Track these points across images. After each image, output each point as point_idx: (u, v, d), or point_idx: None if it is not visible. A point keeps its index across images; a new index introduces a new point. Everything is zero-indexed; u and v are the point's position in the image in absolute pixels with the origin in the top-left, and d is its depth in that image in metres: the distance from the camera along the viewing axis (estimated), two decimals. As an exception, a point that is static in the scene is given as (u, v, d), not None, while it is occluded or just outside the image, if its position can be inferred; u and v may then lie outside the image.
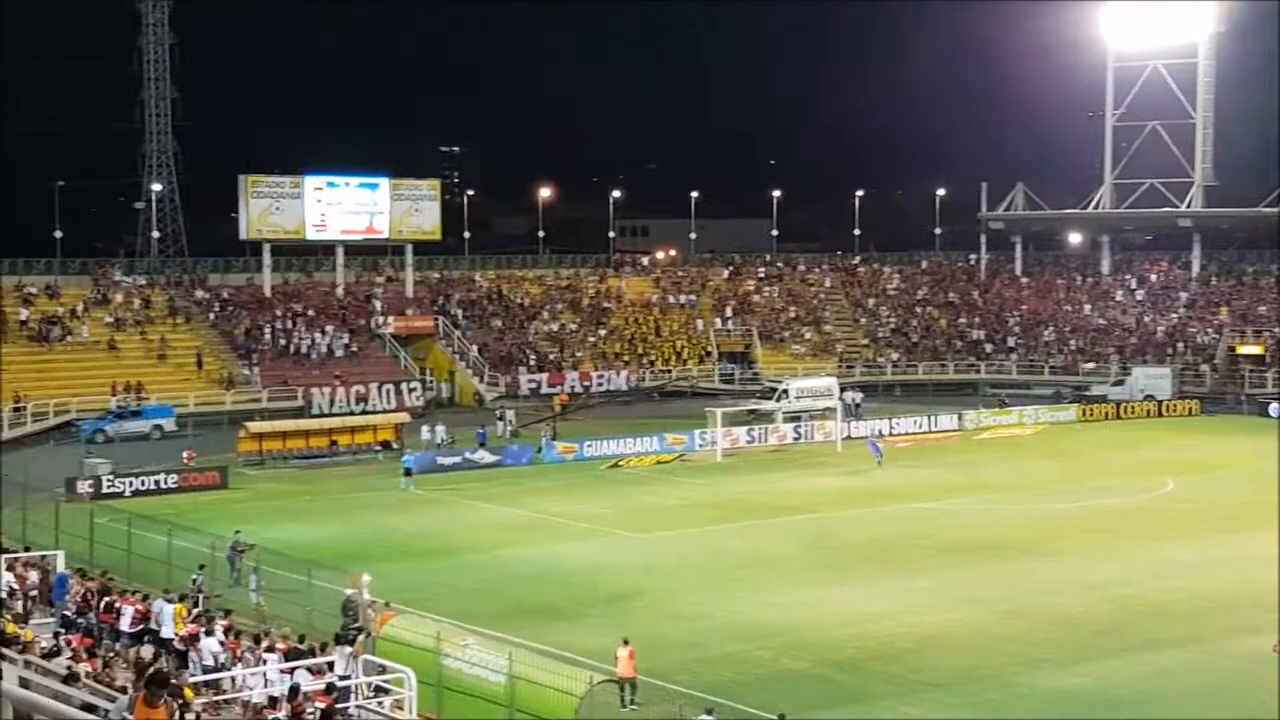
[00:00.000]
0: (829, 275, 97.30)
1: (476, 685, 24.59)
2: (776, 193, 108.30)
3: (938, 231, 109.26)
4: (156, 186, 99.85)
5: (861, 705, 26.80)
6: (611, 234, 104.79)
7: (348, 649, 25.10)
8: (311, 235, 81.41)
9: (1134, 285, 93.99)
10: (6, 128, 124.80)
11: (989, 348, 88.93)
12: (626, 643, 26.88)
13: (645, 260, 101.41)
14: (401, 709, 23.11)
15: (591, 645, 29.10)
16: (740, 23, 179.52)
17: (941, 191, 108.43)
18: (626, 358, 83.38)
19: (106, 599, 30.05)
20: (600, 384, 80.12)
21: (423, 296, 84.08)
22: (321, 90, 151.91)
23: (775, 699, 25.88)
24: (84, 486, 49.36)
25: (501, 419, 66.78)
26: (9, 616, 27.41)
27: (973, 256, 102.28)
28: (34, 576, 32.46)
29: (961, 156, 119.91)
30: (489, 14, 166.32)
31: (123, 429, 63.29)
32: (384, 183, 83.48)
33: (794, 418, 65.76)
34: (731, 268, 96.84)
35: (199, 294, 79.24)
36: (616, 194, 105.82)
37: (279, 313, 78.27)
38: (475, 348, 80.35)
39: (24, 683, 12.30)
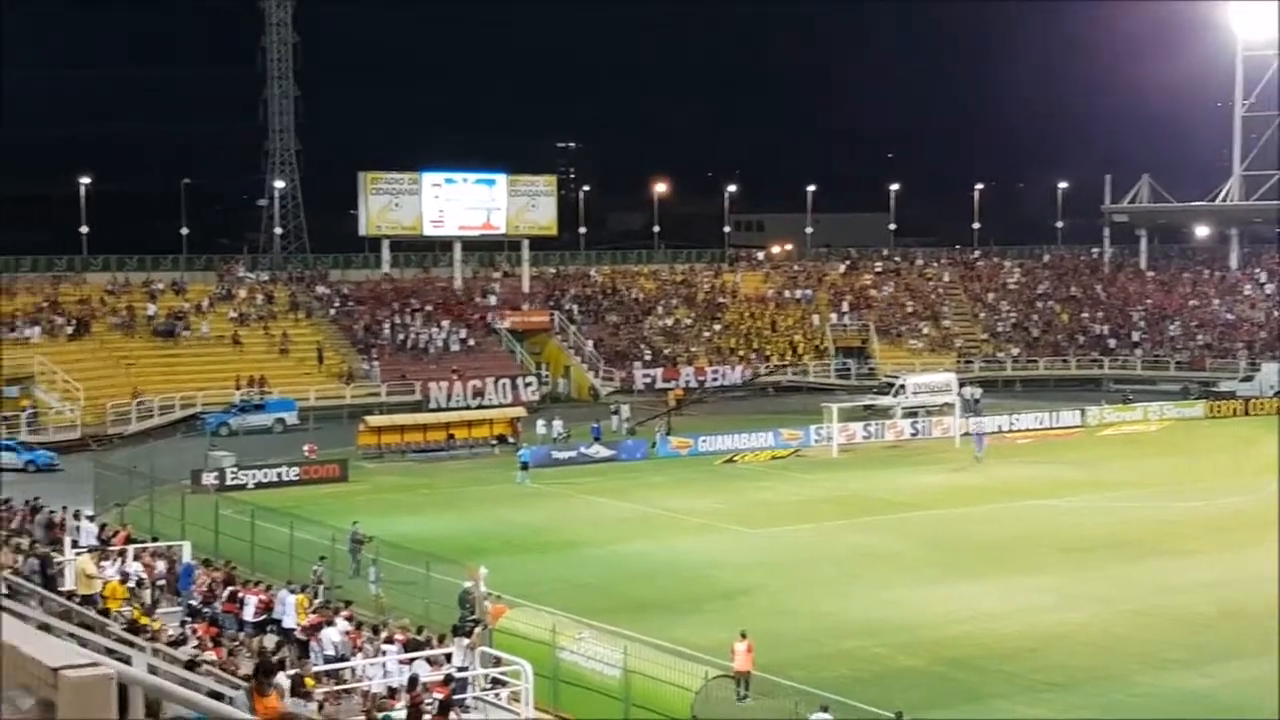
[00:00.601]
0: (947, 269, 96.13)
1: (592, 679, 24.65)
2: (894, 186, 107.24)
3: (1059, 225, 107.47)
4: (279, 184, 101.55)
5: (979, 704, 26.43)
6: (727, 229, 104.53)
7: (465, 641, 25.28)
8: (429, 231, 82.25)
9: (1263, 279, 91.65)
10: (136, 129, 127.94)
11: (1113, 343, 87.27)
12: (744, 636, 26.77)
13: (760, 255, 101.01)
14: (518, 701, 23.24)
15: (706, 640, 29.03)
16: (857, 18, 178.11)
17: (1064, 184, 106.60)
18: (741, 353, 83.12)
19: (231, 589, 30.62)
20: (715, 379, 79.96)
21: (538, 292, 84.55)
22: (440, 88, 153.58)
23: (891, 696, 25.62)
24: (209, 479, 50.28)
25: (616, 414, 66.93)
26: (137, 605, 28.04)
27: (1096, 250, 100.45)
28: (161, 566, 33.19)
29: (1085, 148, 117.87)
30: (605, 12, 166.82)
31: (246, 422, 64.38)
32: (501, 179, 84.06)
33: (911, 413, 65.08)
34: (848, 262, 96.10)
35: (320, 289, 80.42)
36: (732, 189, 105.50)
37: (397, 308, 79.19)
38: (590, 343, 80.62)
39: (153, 670, 12.52)
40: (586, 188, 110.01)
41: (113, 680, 2.56)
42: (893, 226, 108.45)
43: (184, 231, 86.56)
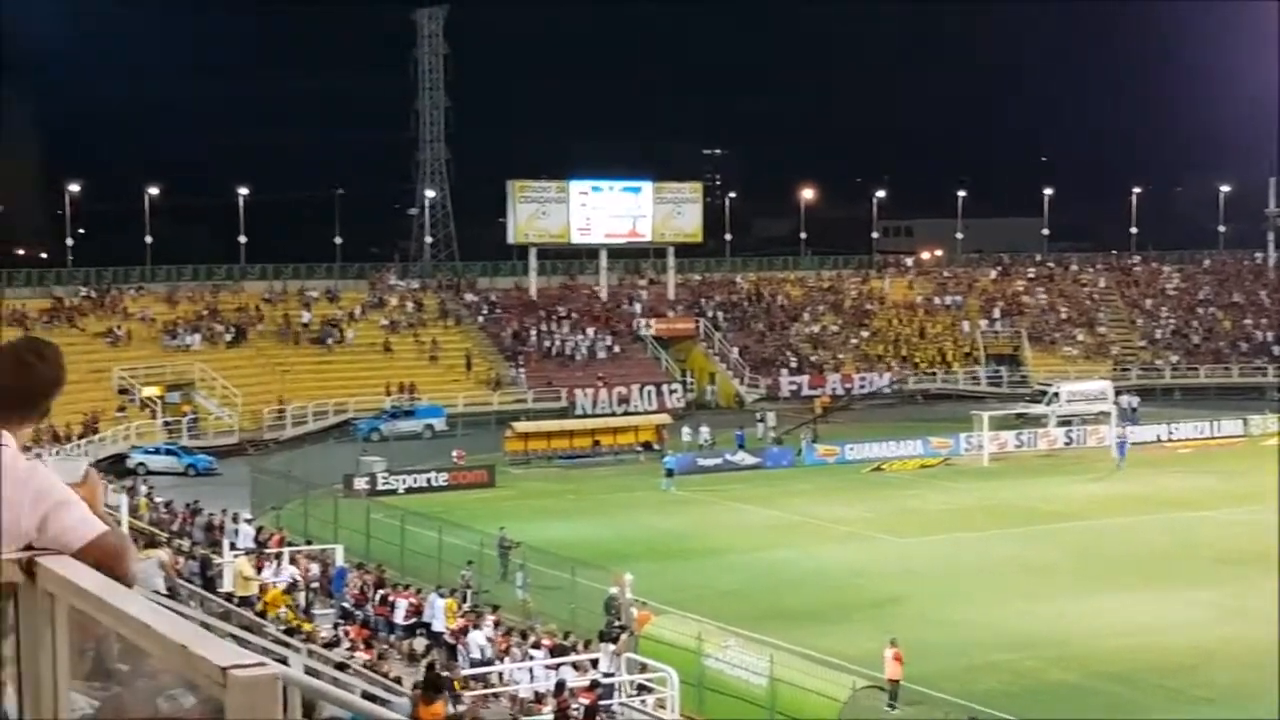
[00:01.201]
0: (1103, 275, 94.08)
1: (738, 687, 24.55)
2: (1048, 190, 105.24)
3: (1221, 229, 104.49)
4: (430, 193, 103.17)
5: (1136, 721, 25.77)
6: (874, 234, 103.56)
7: (611, 647, 25.38)
8: (576, 239, 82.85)
9: None
10: (293, 140, 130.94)
11: (1277, 349, 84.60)
12: (893, 644, 26.47)
13: (909, 261, 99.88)
14: (664, 708, 23.25)
15: (853, 650, 28.72)
16: (1009, 21, 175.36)
17: (1225, 187, 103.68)
18: (889, 360, 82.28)
19: (382, 592, 31.12)
20: (862, 386, 79.24)
21: (684, 299, 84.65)
22: (586, 95, 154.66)
23: (1043, 710, 25.13)
24: (360, 483, 51.18)
25: (761, 421, 66.69)
26: (292, 608, 28.64)
27: (1259, 255, 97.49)
28: (315, 569, 33.87)
29: (1248, 151, 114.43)
30: (750, 18, 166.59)
31: (396, 428, 65.40)
32: (647, 186, 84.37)
33: (1065, 422, 63.77)
34: (999, 268, 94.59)
35: (468, 297, 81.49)
36: (880, 194, 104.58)
37: (544, 315, 79.89)
38: (736, 350, 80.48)
39: (309, 671, 12.75)
40: (732, 194, 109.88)
41: (279, 680, 2.56)
42: (1046, 231, 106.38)
43: (338, 241, 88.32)
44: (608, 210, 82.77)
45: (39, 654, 3.35)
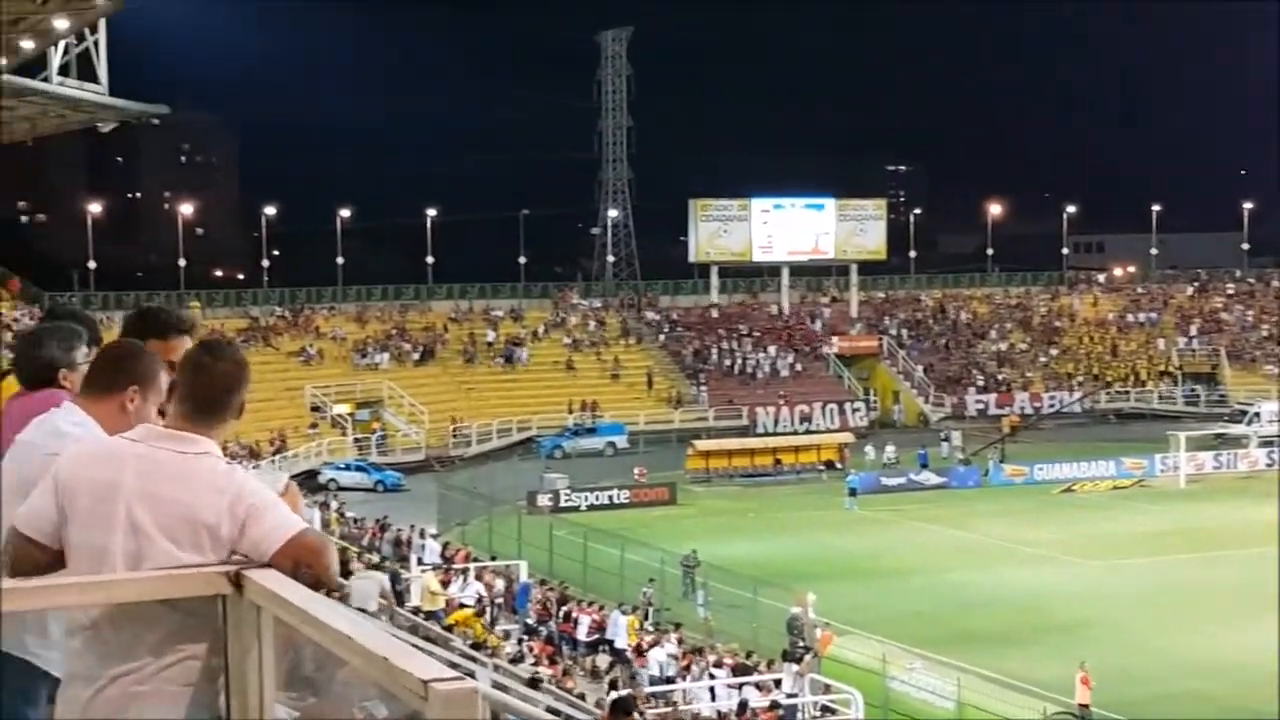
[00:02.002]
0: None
1: (923, 710, 24.18)
2: (1248, 204, 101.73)
3: None
4: (613, 213, 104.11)
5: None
6: (1064, 250, 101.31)
7: (795, 667, 25.17)
8: (758, 257, 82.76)
9: None
10: (479, 162, 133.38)
11: None
12: (1082, 666, 25.79)
13: (1101, 277, 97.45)
14: (848, 730, 22.99)
15: (1042, 674, 28.03)
16: (1204, 34, 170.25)
17: None
18: (1080, 378, 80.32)
19: (565, 608, 31.36)
20: (1052, 405, 77.46)
21: (867, 316, 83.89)
22: (767, 113, 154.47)
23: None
24: (544, 500, 51.71)
25: (946, 440, 65.66)
26: (478, 623, 29.03)
27: None
28: (500, 585, 34.30)
29: None
30: (932, 34, 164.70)
31: (579, 445, 65.95)
32: (830, 203, 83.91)
33: (1267, 442, 61.47)
34: (1197, 284, 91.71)
35: (650, 315, 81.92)
36: (1070, 209, 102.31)
37: (725, 333, 79.90)
38: (920, 368, 79.41)
39: (496, 686, 12.88)
40: (917, 210, 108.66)
41: (479, 694, 2.56)
42: (1246, 246, 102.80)
43: (522, 260, 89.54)
44: (790, 228, 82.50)
45: (246, 664, 3.42)
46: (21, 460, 4.40)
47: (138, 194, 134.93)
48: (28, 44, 36.22)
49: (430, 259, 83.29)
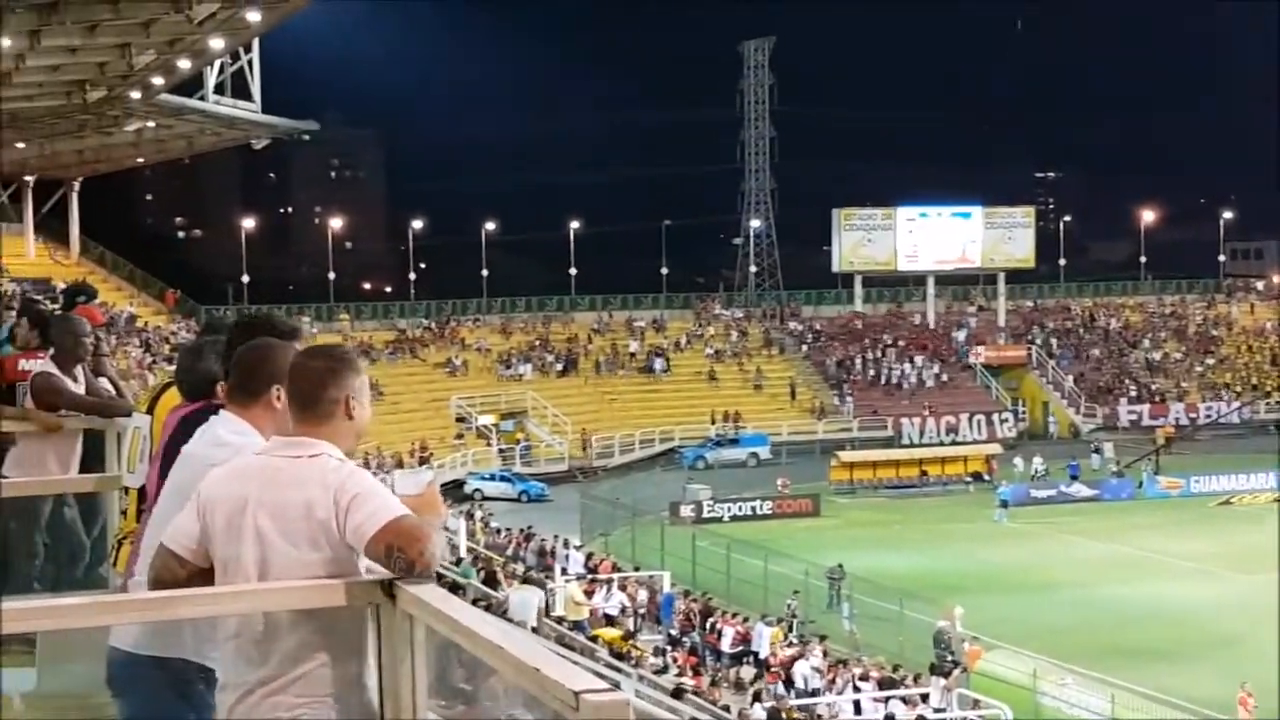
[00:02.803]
0: None
1: (1076, 727, 23.64)
2: None
3: None
4: (755, 223, 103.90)
5: None
6: (1221, 257, 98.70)
7: (943, 681, 24.82)
8: (903, 266, 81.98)
9: None
10: (621, 173, 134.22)
11: None
12: (1243, 685, 25.03)
13: (1259, 285, 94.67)
14: (997, 746, 22.59)
15: (1199, 692, 27.24)
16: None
17: None
18: (1238, 389, 78.07)
19: (709, 619, 31.31)
20: (1208, 416, 75.39)
21: (1015, 325, 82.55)
22: (911, 121, 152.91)
23: None
24: (686, 511, 51.66)
25: (1096, 452, 64.29)
26: (621, 632, 29.14)
27: None
28: (643, 595, 34.37)
29: None
30: (1085, 37, 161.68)
31: (721, 456, 65.79)
32: (977, 211, 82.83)
33: None
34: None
35: (792, 325, 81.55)
36: (1227, 215, 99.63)
37: (869, 343, 79.23)
38: (1070, 378, 77.89)
39: (641, 696, 12.89)
40: (1066, 218, 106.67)
41: (629, 706, 2.54)
42: None
43: (664, 271, 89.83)
44: (936, 236, 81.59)
45: (399, 672, 3.44)
46: (187, 470, 4.54)
47: (289, 209, 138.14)
48: (185, 64, 37.28)
49: (573, 270, 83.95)
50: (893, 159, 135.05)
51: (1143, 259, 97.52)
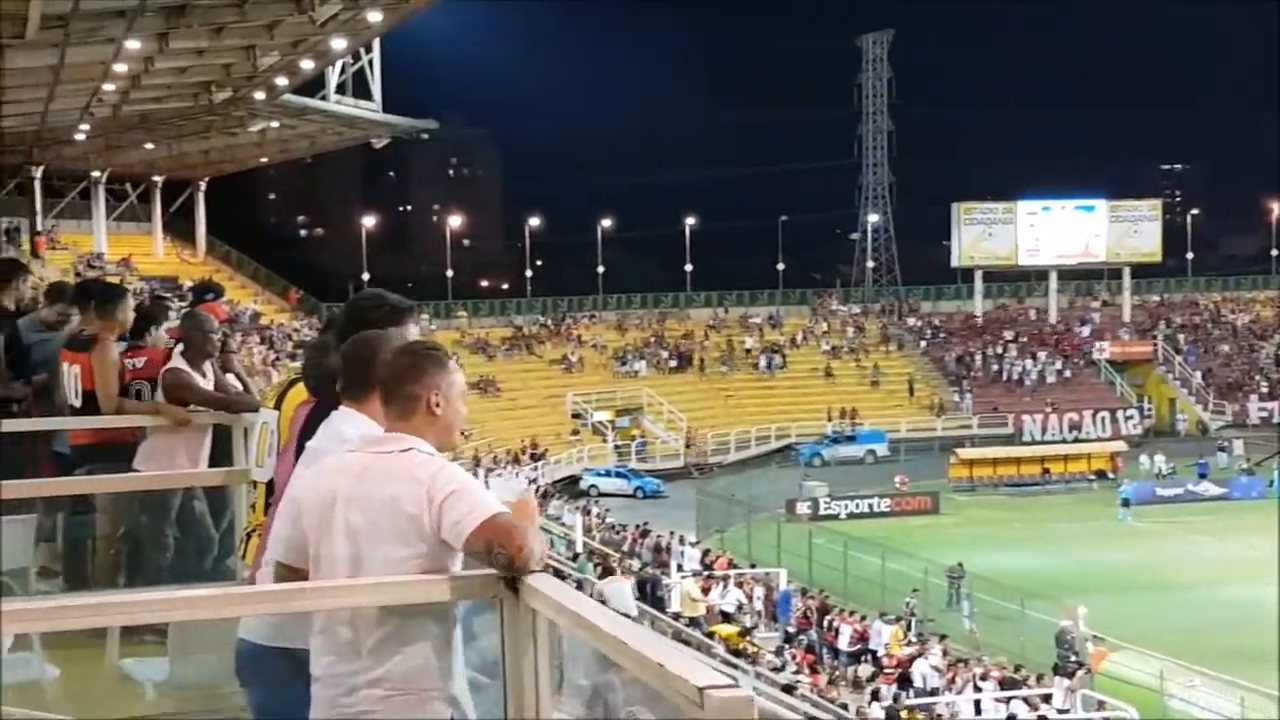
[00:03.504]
0: None
1: (1204, 731, 23.14)
2: None
3: None
4: (873, 218, 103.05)
5: None
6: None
7: (1066, 682, 24.45)
8: (1024, 260, 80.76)
9: None
10: (737, 169, 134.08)
11: None
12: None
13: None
14: (1123, 749, 22.19)
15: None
16: None
17: None
18: (1374, 385, 75.83)
19: (826, 617, 31.13)
20: (1344, 413, 73.25)
21: (1140, 321, 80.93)
22: (1032, 113, 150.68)
23: None
24: (803, 508, 51.39)
25: (1224, 450, 62.82)
26: (738, 630, 29.09)
27: None
28: (759, 592, 34.28)
29: None
30: (1210, 26, 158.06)
31: (837, 453, 65.27)
32: (1101, 205, 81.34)
33: None
34: None
35: (910, 321, 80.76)
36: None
37: (989, 339, 78.20)
38: (1198, 374, 76.21)
39: (757, 693, 12.85)
40: (1195, 211, 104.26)
41: (754, 702, 2.51)
42: None
43: (780, 267, 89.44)
44: (1058, 230, 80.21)
45: (522, 665, 3.45)
46: (312, 465, 4.59)
47: (408, 207, 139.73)
48: (307, 65, 37.86)
49: (689, 267, 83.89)
50: (1014, 153, 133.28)
51: (1274, 252, 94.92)
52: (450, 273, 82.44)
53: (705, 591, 31.84)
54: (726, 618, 30.61)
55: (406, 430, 4.06)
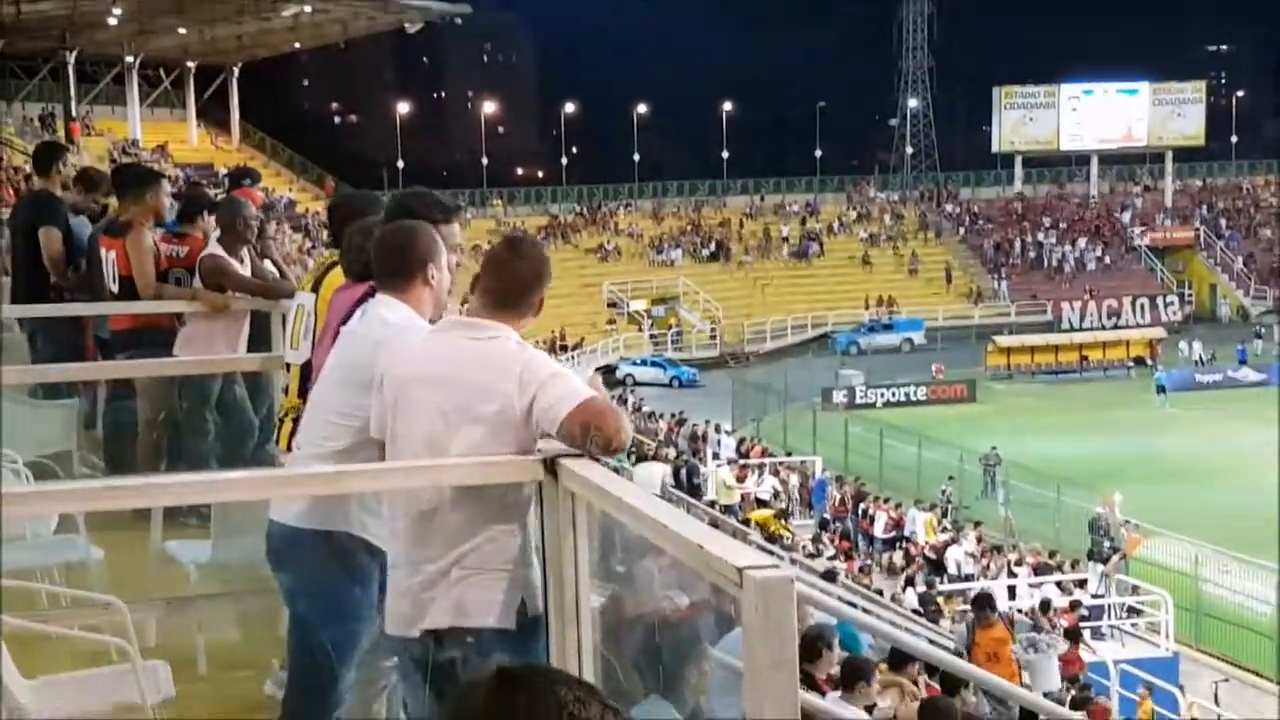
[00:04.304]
0: None
1: (1239, 614, 23.24)
2: None
3: None
4: (912, 103, 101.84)
5: None
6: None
7: (1100, 567, 24.54)
8: (1066, 145, 79.80)
9: None
10: (773, 55, 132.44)
11: None
12: None
13: None
14: (1156, 633, 22.31)
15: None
16: None
17: None
18: None
19: (861, 505, 31.29)
20: (1386, 298, 72.57)
21: (1182, 206, 80.00)
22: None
23: None
24: (839, 396, 51.44)
25: (1260, 336, 62.38)
26: (774, 513, 29.27)
27: None
28: (794, 480, 34.43)
29: None
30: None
31: (874, 342, 65.18)
32: (1144, 87, 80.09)
33: None
34: None
35: (949, 208, 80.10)
36: None
37: (1029, 226, 77.53)
38: (1240, 259, 75.46)
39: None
40: (1240, 93, 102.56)
41: (794, 582, 2.51)
42: None
43: (818, 154, 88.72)
44: (1100, 114, 79.10)
45: (562, 549, 3.46)
46: (349, 349, 4.60)
47: (442, 94, 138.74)
48: (340, -51, 37.46)
49: (725, 154, 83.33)
50: (1056, 33, 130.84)
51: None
52: (485, 160, 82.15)
53: (740, 480, 31.98)
54: (762, 504, 30.77)
55: (502, 322, 4.10)
